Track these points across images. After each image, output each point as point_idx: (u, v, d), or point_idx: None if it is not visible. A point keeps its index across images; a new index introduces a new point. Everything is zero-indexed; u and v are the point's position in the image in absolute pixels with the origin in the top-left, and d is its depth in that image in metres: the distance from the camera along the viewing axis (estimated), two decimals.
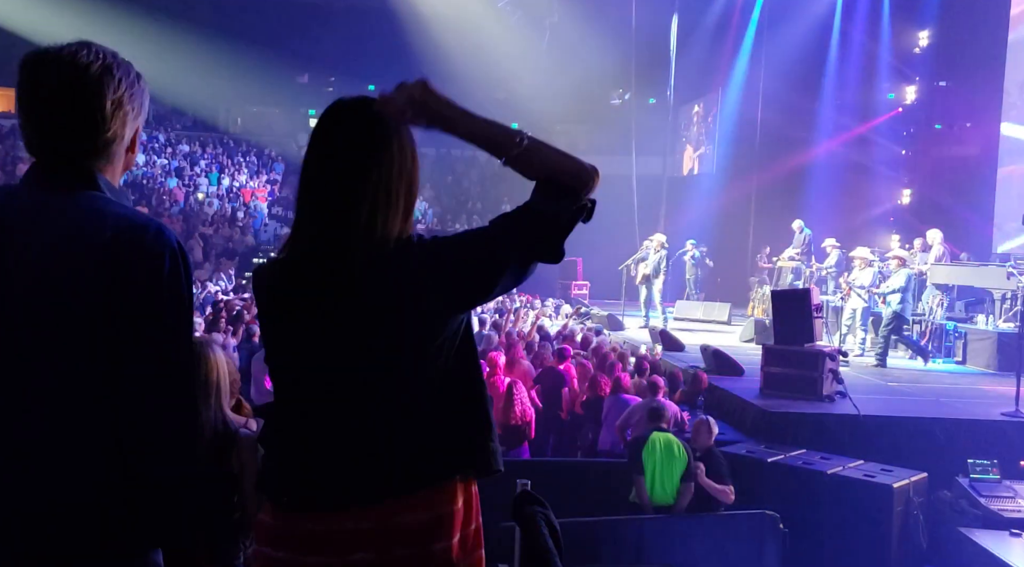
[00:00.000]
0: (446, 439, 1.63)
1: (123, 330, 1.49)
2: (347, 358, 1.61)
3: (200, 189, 22.90)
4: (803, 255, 14.48)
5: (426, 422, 1.62)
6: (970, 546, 5.45)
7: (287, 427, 1.68)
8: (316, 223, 1.63)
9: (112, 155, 1.62)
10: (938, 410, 7.77)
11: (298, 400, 1.67)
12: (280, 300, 1.68)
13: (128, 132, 1.63)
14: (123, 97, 1.58)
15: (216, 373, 2.63)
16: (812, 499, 6.20)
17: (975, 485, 6.26)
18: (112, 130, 1.58)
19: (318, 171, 1.64)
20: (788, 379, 8.27)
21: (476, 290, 1.63)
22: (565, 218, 1.57)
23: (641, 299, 14.25)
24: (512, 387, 6.81)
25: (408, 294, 1.59)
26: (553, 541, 2.03)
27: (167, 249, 1.52)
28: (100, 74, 1.55)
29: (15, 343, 1.49)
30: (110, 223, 1.51)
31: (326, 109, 1.68)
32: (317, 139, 1.66)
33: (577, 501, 5.89)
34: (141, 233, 1.51)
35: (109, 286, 1.48)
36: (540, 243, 1.59)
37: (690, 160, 23.32)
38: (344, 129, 1.64)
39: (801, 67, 18.27)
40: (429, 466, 1.61)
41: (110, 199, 1.57)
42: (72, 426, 1.49)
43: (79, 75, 1.53)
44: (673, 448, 5.80)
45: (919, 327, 11.69)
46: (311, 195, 1.64)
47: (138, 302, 1.49)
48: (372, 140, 1.63)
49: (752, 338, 12.56)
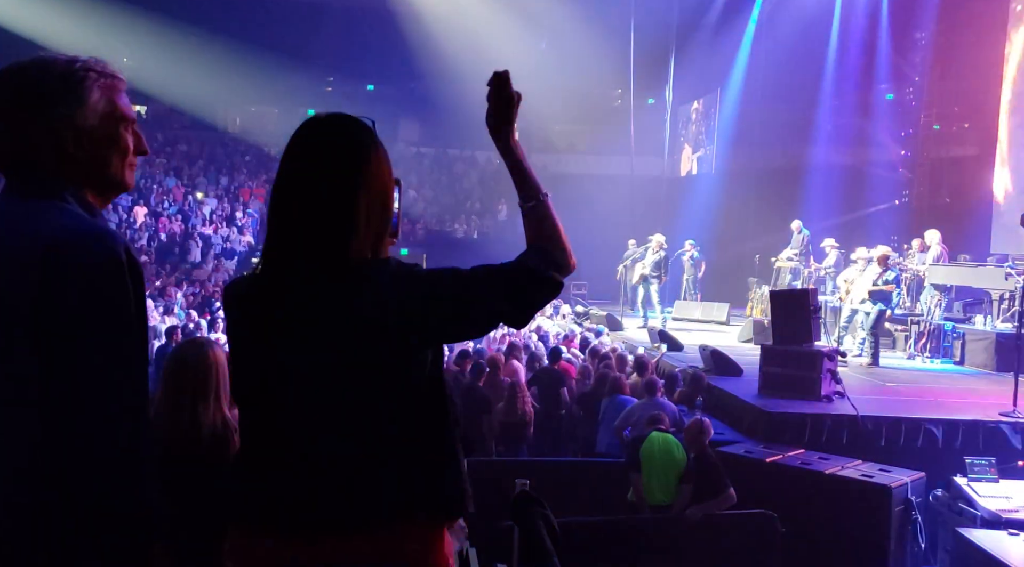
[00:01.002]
0: (411, 476, 1.60)
1: (53, 346, 1.43)
2: (312, 382, 1.59)
3: (198, 188, 22.89)
4: (801, 255, 14.49)
5: (391, 455, 1.59)
6: (968, 546, 5.44)
7: (250, 445, 1.66)
8: (287, 243, 1.61)
9: (77, 162, 1.58)
10: (936, 410, 7.78)
11: (261, 419, 1.65)
12: (248, 319, 1.65)
13: (72, 146, 1.57)
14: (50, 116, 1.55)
15: (216, 373, 2.63)
16: (810, 499, 6.21)
17: (973, 485, 6.27)
18: (63, 136, 1.55)
19: (291, 189, 1.63)
20: (787, 379, 8.27)
21: (447, 327, 1.62)
22: (547, 278, 1.63)
23: (639, 299, 14.24)
24: (515, 386, 6.83)
25: (378, 321, 1.56)
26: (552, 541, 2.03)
27: (105, 261, 1.47)
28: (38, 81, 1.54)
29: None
30: (48, 233, 1.46)
31: (300, 126, 1.66)
32: (290, 156, 1.64)
33: (576, 501, 5.90)
34: (77, 245, 1.46)
35: (38, 298, 1.43)
36: (523, 295, 1.62)
37: (688, 161, 23.33)
38: (318, 147, 1.63)
39: (800, 67, 18.27)
40: (390, 501, 1.58)
41: (64, 208, 1.52)
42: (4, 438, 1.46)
43: (22, 85, 1.54)
44: (672, 449, 5.81)
45: (917, 327, 11.71)
46: (283, 214, 1.62)
47: (67, 317, 1.43)
48: (346, 159, 1.61)
49: (751, 338, 12.57)
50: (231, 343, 1.73)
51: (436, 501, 1.63)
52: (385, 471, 1.58)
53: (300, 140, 1.65)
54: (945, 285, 11.89)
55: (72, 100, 1.56)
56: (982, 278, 11.35)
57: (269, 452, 1.63)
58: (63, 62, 1.58)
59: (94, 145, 1.59)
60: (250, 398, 1.67)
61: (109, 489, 1.44)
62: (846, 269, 11.97)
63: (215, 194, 22.80)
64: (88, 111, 1.58)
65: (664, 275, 14.06)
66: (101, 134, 1.60)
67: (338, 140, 1.63)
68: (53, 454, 1.44)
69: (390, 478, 1.59)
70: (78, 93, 1.57)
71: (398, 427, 1.60)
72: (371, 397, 1.58)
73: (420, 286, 1.59)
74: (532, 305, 1.65)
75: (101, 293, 1.45)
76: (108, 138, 1.61)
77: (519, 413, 6.79)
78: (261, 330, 1.63)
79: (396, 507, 1.58)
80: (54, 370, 1.43)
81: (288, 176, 1.63)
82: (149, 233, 19.65)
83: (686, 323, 14.82)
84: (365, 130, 1.66)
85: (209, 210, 21.60)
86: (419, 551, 1.61)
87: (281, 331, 1.60)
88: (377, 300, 1.57)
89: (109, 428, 1.45)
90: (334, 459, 1.58)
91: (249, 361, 1.66)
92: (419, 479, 1.61)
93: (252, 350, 1.65)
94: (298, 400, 1.60)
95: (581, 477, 6.46)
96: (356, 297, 1.57)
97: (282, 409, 1.61)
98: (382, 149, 1.66)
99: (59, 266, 1.44)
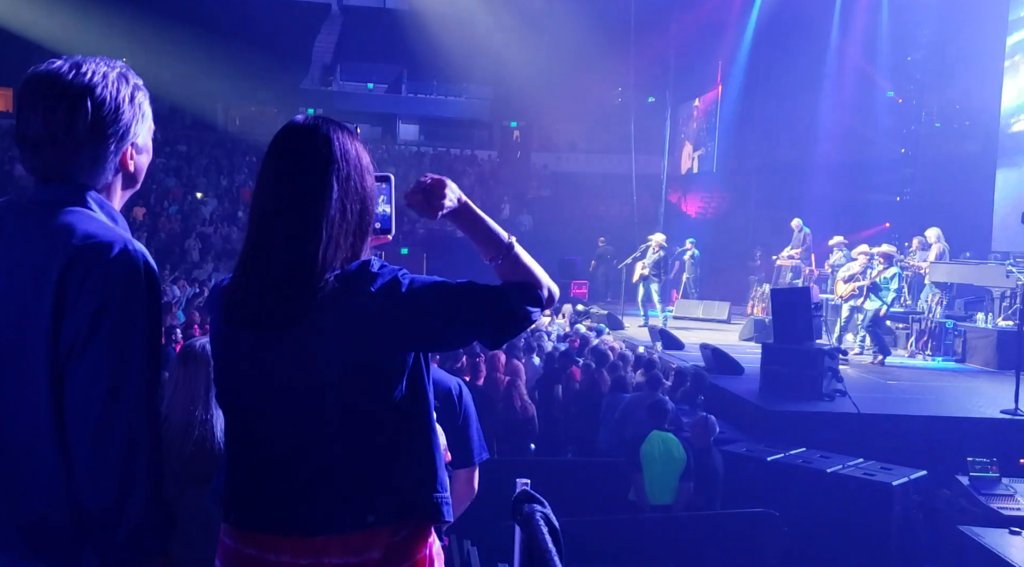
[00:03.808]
0: (392, 484, 1.62)
1: (69, 352, 1.46)
2: (291, 390, 1.60)
3: (198, 188, 22.88)
4: (802, 254, 14.48)
5: (372, 462, 1.61)
6: (969, 544, 5.44)
7: (235, 449, 1.69)
8: (267, 247, 1.62)
9: (105, 180, 1.60)
10: (937, 408, 7.78)
11: (243, 424, 1.67)
12: (228, 322, 1.66)
13: (116, 147, 1.60)
14: (105, 127, 1.56)
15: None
16: (812, 498, 6.21)
17: (975, 483, 6.26)
18: (96, 158, 1.57)
19: (269, 194, 1.63)
20: (788, 378, 8.27)
21: (426, 336, 1.63)
22: (522, 314, 1.66)
23: (639, 298, 14.25)
24: (511, 385, 6.82)
25: (358, 325, 1.58)
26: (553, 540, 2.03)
27: (124, 270, 1.48)
28: (82, 90, 1.54)
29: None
30: (72, 241, 1.48)
31: (278, 132, 1.67)
32: (269, 162, 1.65)
33: (577, 501, 5.89)
34: (99, 254, 1.47)
35: (58, 305, 1.45)
36: (497, 320, 1.64)
37: (689, 159, 23.32)
38: (287, 153, 1.63)
39: (800, 65, 18.26)
40: (370, 508, 1.60)
41: (89, 216, 1.54)
42: (19, 444, 1.48)
43: (63, 92, 1.53)
44: (672, 448, 5.80)
45: (918, 325, 11.71)
46: (262, 219, 1.63)
47: (85, 325, 1.45)
48: (313, 164, 1.61)
49: (752, 337, 12.57)
50: (212, 347, 1.75)
51: (417, 509, 1.65)
52: (366, 478, 1.60)
53: (274, 146, 1.65)
54: (946, 283, 11.88)
55: (140, 118, 1.62)
56: (983, 276, 11.35)
57: (251, 457, 1.65)
58: (119, 75, 1.59)
59: (143, 158, 1.66)
60: (233, 403, 1.69)
61: (119, 492, 1.46)
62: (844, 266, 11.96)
63: (215, 194, 22.80)
64: (148, 128, 1.66)
65: (664, 274, 14.05)
66: (147, 147, 1.67)
67: (305, 145, 1.63)
68: (66, 458, 1.47)
69: (371, 485, 1.61)
70: (143, 110, 1.63)
71: (379, 435, 1.62)
72: (351, 405, 1.60)
73: (400, 300, 1.60)
74: (505, 336, 1.69)
75: (119, 302, 1.47)
76: (149, 150, 1.68)
77: (518, 412, 6.78)
78: (238, 337, 1.65)
79: (378, 514, 1.60)
80: (68, 375, 1.46)
81: (261, 183, 1.65)
82: (148, 233, 19.66)
83: (687, 322, 14.83)
84: (338, 132, 1.65)
85: (209, 210, 21.60)
86: (402, 555, 1.64)
87: (258, 340, 1.62)
88: (353, 311, 1.58)
89: (121, 434, 1.46)
90: (314, 467, 1.60)
91: (229, 367, 1.68)
92: (400, 487, 1.63)
93: (231, 356, 1.67)
94: (278, 408, 1.62)
95: (582, 477, 6.46)
96: (332, 308, 1.58)
97: (263, 416, 1.63)
98: (358, 150, 1.66)
99: (80, 274, 1.45)
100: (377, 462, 1.61)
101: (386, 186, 1.79)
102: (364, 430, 1.61)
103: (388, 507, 1.62)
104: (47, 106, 1.53)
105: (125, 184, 1.66)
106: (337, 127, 1.66)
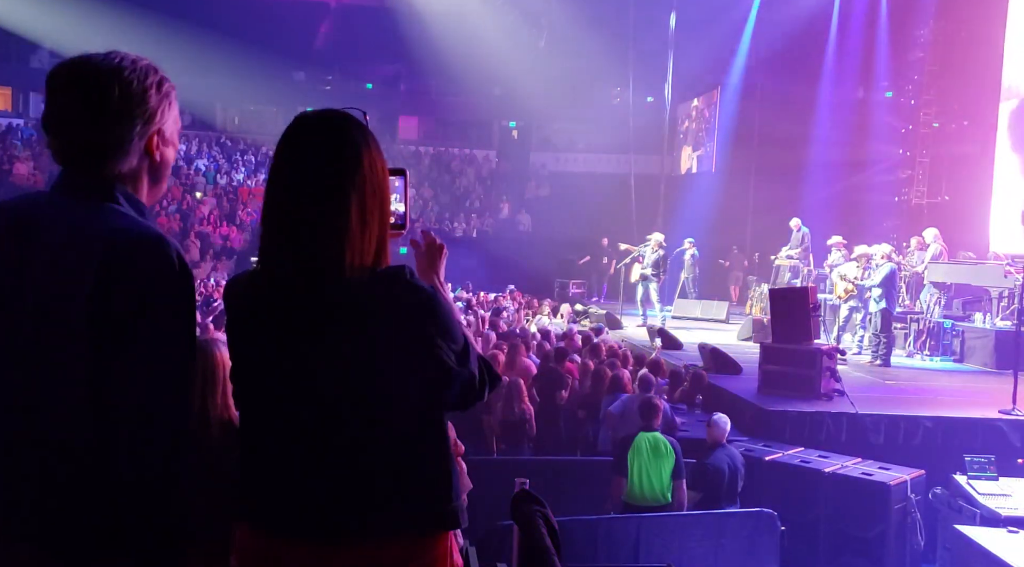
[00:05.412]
0: (411, 490, 1.61)
1: (104, 346, 1.46)
2: (312, 395, 1.57)
3: (197, 188, 22.88)
4: (801, 254, 14.49)
5: (392, 468, 1.59)
6: (967, 543, 5.45)
7: (252, 448, 1.65)
8: (286, 247, 1.57)
9: (130, 165, 1.60)
10: (935, 408, 7.78)
11: (262, 423, 1.63)
12: (247, 323, 1.63)
13: (143, 129, 1.59)
14: (132, 106, 1.57)
15: (222, 371, 2.64)
16: (810, 497, 6.22)
17: (972, 483, 6.27)
18: (121, 138, 1.57)
19: (281, 194, 1.59)
20: (786, 377, 8.27)
21: (429, 368, 1.61)
22: (483, 394, 1.71)
23: (638, 298, 14.26)
24: (511, 385, 6.82)
25: (380, 341, 1.56)
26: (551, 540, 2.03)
27: (161, 266, 1.48)
28: (110, 71, 1.56)
29: (18, 344, 1.50)
30: (106, 235, 1.48)
31: (289, 125, 1.62)
32: (279, 159, 1.60)
33: (576, 500, 5.90)
34: (134, 249, 1.47)
35: (93, 299, 1.45)
36: (476, 393, 1.68)
37: (688, 159, 23.32)
38: (305, 151, 1.58)
39: (799, 65, 18.25)
40: (391, 514, 1.59)
41: (118, 211, 1.54)
42: (54, 429, 1.49)
43: (94, 73, 1.55)
44: (660, 446, 5.80)
45: (916, 325, 11.71)
46: (275, 220, 1.59)
47: (121, 319, 1.45)
48: (334, 162, 1.56)
49: (750, 336, 12.57)
50: (230, 341, 1.71)
51: (436, 515, 1.63)
52: (386, 484, 1.58)
53: (288, 141, 1.60)
54: (944, 283, 11.89)
55: (167, 106, 1.62)
56: (981, 276, 11.35)
57: (271, 457, 1.62)
58: (146, 65, 1.61)
59: (170, 151, 1.65)
60: (251, 401, 1.66)
61: (149, 490, 1.47)
62: (841, 265, 11.95)
63: (214, 193, 22.79)
64: (173, 119, 1.65)
65: (663, 274, 14.06)
66: (173, 141, 1.66)
67: (325, 142, 1.58)
68: (100, 453, 1.47)
69: (391, 491, 1.59)
70: (170, 99, 1.63)
71: (400, 441, 1.60)
72: (374, 412, 1.58)
73: (431, 318, 1.59)
74: (468, 405, 1.71)
75: (155, 297, 1.47)
76: (175, 144, 1.68)
77: (517, 412, 6.78)
78: (260, 337, 1.61)
79: (398, 521, 1.59)
80: (103, 370, 1.46)
81: (277, 181, 1.60)
82: None
83: (686, 321, 14.83)
84: (355, 128, 1.61)
85: (208, 209, 21.60)
86: (424, 560, 1.62)
87: (280, 342, 1.59)
88: (380, 321, 1.55)
89: (153, 431, 1.47)
90: (340, 472, 1.58)
91: (249, 365, 1.65)
92: (420, 493, 1.61)
93: (251, 354, 1.64)
94: (304, 409, 1.59)
95: (582, 476, 6.46)
96: (364, 306, 1.55)
97: (289, 418, 1.60)
98: (374, 145, 1.61)
99: (116, 268, 1.45)
100: (402, 469, 1.59)
101: (399, 181, 1.75)
102: (390, 435, 1.59)
103: (413, 514, 1.60)
104: (77, 87, 1.54)
105: (152, 176, 1.64)
106: (349, 120, 1.62)
